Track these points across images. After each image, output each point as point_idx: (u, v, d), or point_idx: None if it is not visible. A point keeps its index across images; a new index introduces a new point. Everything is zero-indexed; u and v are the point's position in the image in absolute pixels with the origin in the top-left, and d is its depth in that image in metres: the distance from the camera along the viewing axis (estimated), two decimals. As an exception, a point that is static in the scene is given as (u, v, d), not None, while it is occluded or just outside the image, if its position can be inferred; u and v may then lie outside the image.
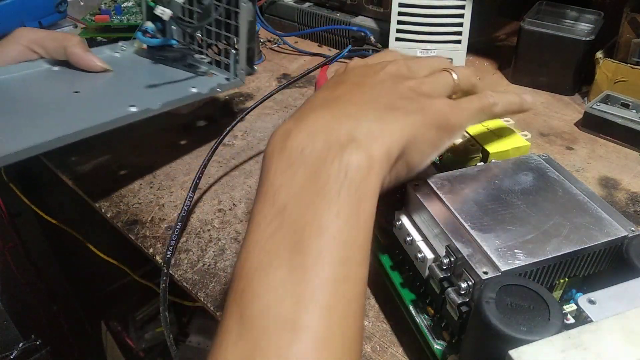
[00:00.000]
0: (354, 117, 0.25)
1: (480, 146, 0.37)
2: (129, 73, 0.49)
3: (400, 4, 0.62)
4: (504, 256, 0.27)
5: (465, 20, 0.62)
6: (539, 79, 0.63)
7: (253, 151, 0.52)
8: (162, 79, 0.49)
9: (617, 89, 0.56)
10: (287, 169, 0.24)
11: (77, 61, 0.45)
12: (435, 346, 0.30)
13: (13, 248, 0.80)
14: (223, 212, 0.44)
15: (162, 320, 0.35)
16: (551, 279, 0.28)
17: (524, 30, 0.61)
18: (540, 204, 0.30)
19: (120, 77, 0.48)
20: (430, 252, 0.30)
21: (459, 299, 0.27)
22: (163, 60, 0.52)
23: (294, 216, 0.23)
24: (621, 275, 0.26)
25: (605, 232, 0.29)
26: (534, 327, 0.23)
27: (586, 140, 0.54)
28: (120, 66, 0.49)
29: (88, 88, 0.45)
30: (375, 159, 0.24)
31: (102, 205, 0.45)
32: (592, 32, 0.59)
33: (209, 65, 0.51)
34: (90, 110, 0.42)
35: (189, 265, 0.39)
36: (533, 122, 0.57)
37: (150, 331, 0.97)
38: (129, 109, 0.41)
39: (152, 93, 0.45)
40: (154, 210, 0.45)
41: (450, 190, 0.32)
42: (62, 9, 0.65)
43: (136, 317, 0.98)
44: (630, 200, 0.45)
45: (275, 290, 0.21)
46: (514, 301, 0.24)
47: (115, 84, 0.47)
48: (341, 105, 0.26)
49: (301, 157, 0.24)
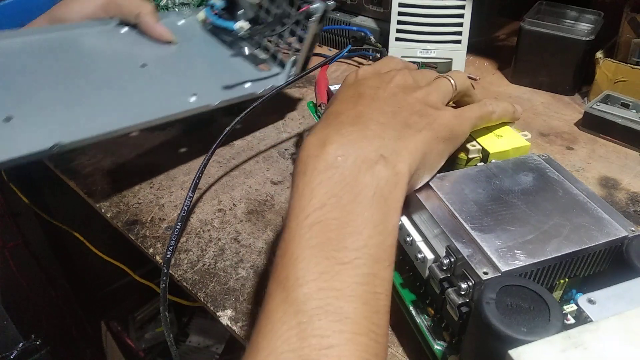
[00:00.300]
0: (379, 136, 0.28)
1: (480, 146, 0.37)
2: (191, 49, 0.52)
3: (400, 4, 0.62)
4: (504, 257, 0.27)
5: (465, 20, 0.62)
6: (539, 79, 0.63)
7: (253, 151, 0.52)
8: (221, 64, 0.51)
9: (617, 89, 0.56)
10: (325, 172, 0.26)
11: (146, 29, 0.49)
12: (435, 347, 0.30)
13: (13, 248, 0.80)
14: (223, 212, 0.44)
15: (162, 320, 0.35)
16: (551, 280, 0.28)
17: (524, 30, 0.61)
18: (540, 204, 0.30)
19: (183, 54, 0.50)
20: (431, 253, 0.30)
21: (459, 300, 0.27)
22: (223, 42, 0.54)
23: (331, 214, 0.25)
24: (621, 275, 0.26)
25: (605, 232, 0.29)
26: (535, 328, 0.23)
27: (586, 140, 0.54)
28: (183, 37, 0.51)
29: (154, 63, 0.47)
30: (400, 175, 0.27)
31: (102, 205, 0.45)
32: (592, 32, 0.59)
33: (265, 59, 0.53)
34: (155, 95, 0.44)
35: (189, 265, 0.39)
36: (533, 122, 0.57)
37: (150, 331, 0.97)
38: (189, 100, 0.44)
39: (211, 81, 0.47)
40: (154, 210, 0.45)
41: (450, 190, 0.32)
42: (62, 9, 0.65)
43: (136, 317, 0.98)
44: (630, 200, 0.45)
45: (316, 280, 0.23)
46: (514, 302, 0.24)
47: (178, 62, 0.49)
48: (366, 124, 0.29)
49: (336, 164, 0.27)
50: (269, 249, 0.41)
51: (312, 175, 0.26)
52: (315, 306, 0.22)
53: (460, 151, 0.38)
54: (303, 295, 0.23)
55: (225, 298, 0.37)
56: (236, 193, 0.47)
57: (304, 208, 0.25)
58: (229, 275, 0.38)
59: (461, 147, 0.38)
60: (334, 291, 0.23)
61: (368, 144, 0.28)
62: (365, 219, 0.25)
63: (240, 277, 0.38)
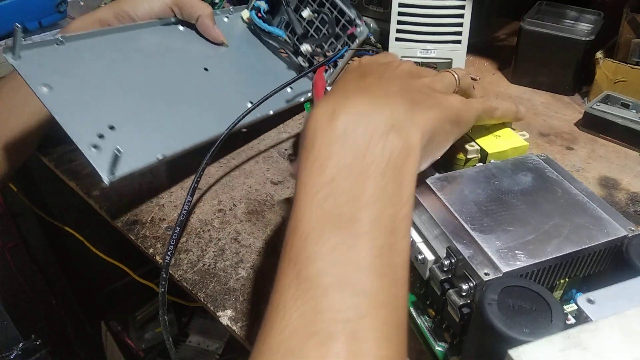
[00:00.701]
0: (388, 106, 0.27)
1: (478, 146, 0.37)
2: (240, 52, 0.56)
3: (400, 4, 0.62)
4: (505, 257, 0.27)
5: (465, 20, 0.62)
6: (539, 79, 0.63)
7: (253, 151, 0.52)
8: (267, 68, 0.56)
9: (617, 89, 0.56)
10: (334, 143, 0.25)
11: (204, 30, 0.52)
12: (436, 348, 0.30)
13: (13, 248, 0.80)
14: (223, 212, 0.44)
15: (161, 324, 0.35)
16: (552, 280, 0.28)
17: (524, 30, 0.61)
18: (540, 205, 0.30)
19: (234, 57, 0.54)
20: (431, 254, 0.30)
21: (461, 301, 0.27)
22: (267, 44, 0.58)
23: (343, 187, 0.24)
24: (621, 275, 0.26)
25: (605, 232, 0.29)
26: (537, 329, 0.23)
27: (586, 140, 0.54)
28: (230, 35, 0.55)
29: (213, 67, 0.51)
30: (412, 147, 0.26)
31: (102, 205, 0.45)
32: (592, 32, 0.59)
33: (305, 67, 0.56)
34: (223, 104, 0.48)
35: (189, 266, 0.39)
36: (533, 122, 0.57)
37: (150, 331, 0.97)
38: (247, 105, 0.48)
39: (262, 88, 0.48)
40: (154, 210, 0.45)
41: (450, 191, 0.32)
42: (62, 9, 0.65)
43: (136, 317, 0.98)
44: (630, 200, 0.45)
45: (330, 254, 0.23)
46: (516, 303, 0.24)
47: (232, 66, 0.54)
48: (375, 94, 0.28)
49: (345, 136, 0.25)
50: (269, 248, 0.41)
51: (320, 147, 0.26)
52: (329, 281, 0.22)
53: (459, 151, 0.38)
54: (317, 270, 0.22)
55: (225, 298, 0.37)
56: (236, 193, 0.47)
57: (314, 182, 0.25)
58: (229, 276, 0.38)
59: (460, 147, 0.38)
60: (349, 265, 0.22)
61: (378, 114, 0.26)
62: (378, 191, 0.24)
63: (240, 277, 0.38)
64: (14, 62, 0.39)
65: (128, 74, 0.45)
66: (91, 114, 0.41)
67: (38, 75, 0.39)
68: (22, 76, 0.38)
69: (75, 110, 0.40)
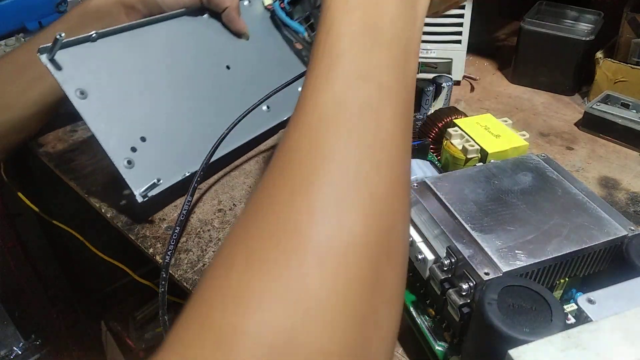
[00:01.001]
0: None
1: (478, 146, 0.38)
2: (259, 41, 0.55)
3: (400, 4, 0.62)
4: (505, 257, 0.27)
5: (465, 20, 0.62)
6: (539, 79, 0.63)
7: (253, 151, 0.52)
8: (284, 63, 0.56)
9: (617, 89, 0.56)
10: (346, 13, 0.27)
11: (230, 21, 0.53)
12: (436, 347, 0.30)
13: (13, 248, 0.80)
14: (223, 212, 0.44)
15: (161, 324, 0.35)
16: (552, 279, 0.28)
17: (524, 30, 0.61)
18: (540, 204, 0.30)
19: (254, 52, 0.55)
20: (431, 253, 0.30)
21: (461, 300, 0.27)
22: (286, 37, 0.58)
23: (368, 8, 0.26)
24: (621, 275, 0.26)
25: (605, 232, 0.29)
26: (537, 329, 0.23)
27: (586, 140, 0.54)
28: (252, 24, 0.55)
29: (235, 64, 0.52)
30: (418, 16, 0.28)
31: (102, 205, 0.45)
32: (592, 32, 0.59)
33: None
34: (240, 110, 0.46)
35: (189, 266, 0.39)
36: (533, 122, 0.57)
37: (150, 331, 0.97)
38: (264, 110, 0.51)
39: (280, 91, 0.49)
40: (154, 210, 0.45)
41: (450, 190, 0.32)
42: (62, 9, 0.65)
43: (136, 317, 0.98)
44: (630, 200, 0.45)
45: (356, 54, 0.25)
46: (516, 302, 0.24)
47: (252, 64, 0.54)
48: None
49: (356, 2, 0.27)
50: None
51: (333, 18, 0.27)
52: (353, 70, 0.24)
53: (458, 151, 0.38)
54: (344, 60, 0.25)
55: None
56: (236, 193, 0.47)
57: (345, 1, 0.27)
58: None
59: (460, 147, 0.38)
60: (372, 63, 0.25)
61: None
62: (398, 15, 0.27)
63: (240, 277, 0.38)
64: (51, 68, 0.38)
65: (156, 74, 0.45)
66: (124, 124, 0.41)
67: (73, 80, 0.39)
68: (58, 82, 0.38)
69: (110, 120, 0.40)
